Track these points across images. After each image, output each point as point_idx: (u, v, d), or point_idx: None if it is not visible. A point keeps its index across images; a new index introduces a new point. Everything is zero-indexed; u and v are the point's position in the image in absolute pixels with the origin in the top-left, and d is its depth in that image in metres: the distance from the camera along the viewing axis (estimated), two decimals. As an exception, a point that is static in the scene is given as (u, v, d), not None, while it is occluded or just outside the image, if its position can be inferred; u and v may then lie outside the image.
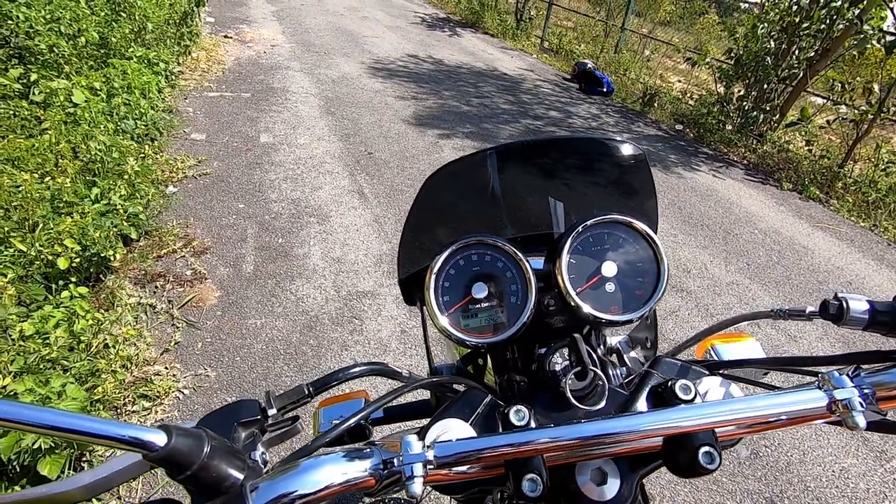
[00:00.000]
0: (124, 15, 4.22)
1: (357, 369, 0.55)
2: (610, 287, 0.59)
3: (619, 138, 0.66)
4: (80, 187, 2.46)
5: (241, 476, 0.38)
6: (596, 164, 0.70)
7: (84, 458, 1.63)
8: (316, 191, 3.45)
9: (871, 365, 0.45)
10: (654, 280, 0.60)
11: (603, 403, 0.50)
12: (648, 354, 0.73)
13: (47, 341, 1.69)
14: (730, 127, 5.75)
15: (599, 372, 0.49)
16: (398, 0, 11.70)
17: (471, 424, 0.48)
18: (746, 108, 5.83)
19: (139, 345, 2.07)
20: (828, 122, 5.38)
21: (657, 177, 4.41)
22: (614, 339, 0.75)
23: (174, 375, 2.00)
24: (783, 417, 0.41)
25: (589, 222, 0.60)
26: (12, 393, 1.45)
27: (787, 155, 5.39)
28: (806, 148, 5.43)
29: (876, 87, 4.90)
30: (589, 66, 7.18)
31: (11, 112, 2.76)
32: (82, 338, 1.85)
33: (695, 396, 0.45)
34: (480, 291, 0.58)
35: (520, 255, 0.59)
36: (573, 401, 0.48)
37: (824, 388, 0.41)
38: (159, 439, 0.34)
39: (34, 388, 1.45)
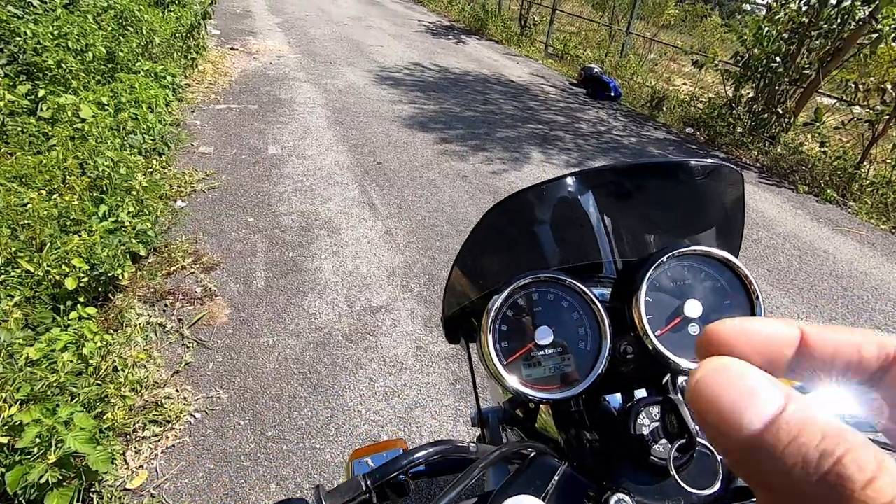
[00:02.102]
0: (131, 29, 4.21)
1: (421, 454, 0.47)
2: (693, 329, 0.51)
3: (708, 160, 0.59)
4: (87, 205, 2.41)
5: None
6: (676, 188, 0.63)
7: (93, 489, 1.56)
8: (326, 202, 3.39)
9: None
10: None
11: (717, 486, 0.40)
12: None
13: (54, 367, 1.63)
14: (740, 129, 5.67)
15: (707, 443, 0.41)
16: (402, 9, 11.73)
17: (545, 500, 0.41)
18: (757, 110, 5.75)
19: (149, 367, 2.00)
20: (842, 122, 5.29)
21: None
22: None
23: (185, 398, 1.93)
24: None
25: (675, 252, 0.51)
26: (17, 424, 1.38)
27: (800, 157, 5.29)
28: (820, 150, 5.34)
29: (890, 87, 4.82)
30: (595, 70, 7.14)
31: (20, 128, 2.73)
32: (91, 361, 1.80)
33: None
34: (545, 337, 0.51)
35: (591, 294, 0.51)
36: (683, 485, 0.40)
37: None
38: None
39: (41, 419, 1.39)
